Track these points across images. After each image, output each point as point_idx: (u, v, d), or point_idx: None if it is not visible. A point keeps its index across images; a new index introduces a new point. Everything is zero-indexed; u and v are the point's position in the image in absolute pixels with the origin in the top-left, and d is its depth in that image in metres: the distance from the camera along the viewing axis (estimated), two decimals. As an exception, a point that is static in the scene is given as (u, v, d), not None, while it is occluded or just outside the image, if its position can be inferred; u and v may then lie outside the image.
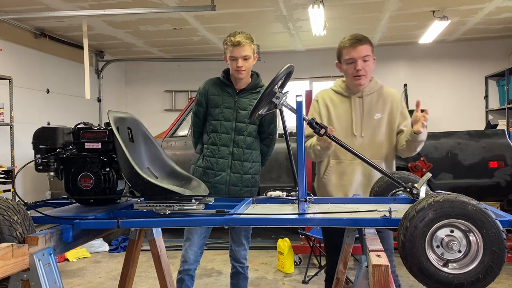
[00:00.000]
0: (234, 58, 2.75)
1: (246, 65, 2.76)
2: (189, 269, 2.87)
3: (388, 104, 2.57)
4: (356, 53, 2.47)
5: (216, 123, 2.84)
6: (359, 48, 2.46)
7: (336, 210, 1.90)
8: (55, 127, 2.02)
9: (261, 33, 7.44)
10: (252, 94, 2.87)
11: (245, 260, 3.02)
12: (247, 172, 2.86)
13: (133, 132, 2.16)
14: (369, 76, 2.54)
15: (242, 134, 2.83)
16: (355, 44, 2.46)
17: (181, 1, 5.75)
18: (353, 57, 2.48)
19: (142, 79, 9.82)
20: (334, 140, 2.18)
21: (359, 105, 2.58)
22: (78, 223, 1.76)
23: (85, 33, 6.14)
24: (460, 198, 1.51)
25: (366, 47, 2.47)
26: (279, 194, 2.11)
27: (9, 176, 5.78)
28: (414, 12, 6.53)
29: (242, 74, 2.79)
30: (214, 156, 2.83)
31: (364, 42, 2.47)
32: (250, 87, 2.87)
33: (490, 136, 5.00)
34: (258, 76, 2.94)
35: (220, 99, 2.84)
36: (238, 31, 2.80)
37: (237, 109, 2.83)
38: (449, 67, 8.79)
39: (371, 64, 2.51)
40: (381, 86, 2.61)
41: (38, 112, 6.98)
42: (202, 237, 2.88)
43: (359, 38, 2.48)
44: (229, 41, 2.75)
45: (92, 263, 5.07)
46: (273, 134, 3.02)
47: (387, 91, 2.60)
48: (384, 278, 1.44)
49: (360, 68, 2.47)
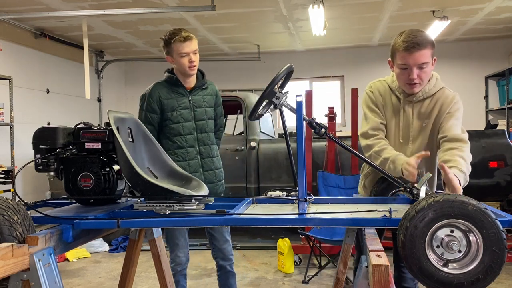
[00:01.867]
0: (185, 54, 2.69)
1: (197, 60, 2.75)
2: (182, 269, 2.91)
3: (436, 109, 2.25)
4: (412, 60, 2.11)
5: (177, 126, 2.78)
6: (416, 54, 2.10)
7: (336, 210, 1.90)
8: (55, 127, 2.02)
9: (261, 33, 7.44)
10: (202, 90, 2.88)
11: (232, 256, 3.01)
12: (217, 167, 2.90)
13: (133, 132, 2.16)
14: (425, 83, 2.23)
15: (205, 131, 2.83)
16: (412, 50, 2.09)
17: (181, 1, 5.75)
18: (408, 64, 2.13)
19: (142, 79, 9.81)
20: (335, 141, 2.18)
21: (408, 110, 2.30)
22: (78, 223, 1.76)
23: (85, 33, 6.13)
24: (460, 198, 1.51)
25: (425, 52, 2.10)
26: (279, 194, 2.11)
27: (9, 176, 5.78)
28: (414, 12, 6.53)
29: (195, 70, 2.77)
30: (184, 159, 2.78)
31: (422, 47, 2.09)
32: (199, 84, 2.87)
33: (490, 136, 4.99)
34: (203, 73, 2.92)
35: (175, 101, 2.78)
36: (177, 28, 2.74)
37: (193, 108, 2.82)
38: (449, 67, 8.78)
39: (429, 70, 2.18)
40: (439, 90, 2.27)
41: (38, 112, 6.98)
42: (186, 236, 2.93)
43: (417, 42, 2.09)
44: (178, 38, 2.67)
45: (92, 263, 5.07)
46: (223, 126, 3.09)
47: (441, 95, 2.26)
48: (384, 278, 1.44)
49: (415, 77, 2.15)
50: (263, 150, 5.32)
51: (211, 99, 2.90)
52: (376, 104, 2.36)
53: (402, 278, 2.46)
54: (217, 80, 3.47)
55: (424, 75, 2.18)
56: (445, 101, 2.26)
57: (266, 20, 6.81)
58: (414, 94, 2.27)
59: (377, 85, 2.39)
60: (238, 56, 8.92)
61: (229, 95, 5.61)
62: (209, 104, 2.88)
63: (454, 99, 2.25)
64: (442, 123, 2.23)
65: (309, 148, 4.75)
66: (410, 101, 2.30)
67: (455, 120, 2.22)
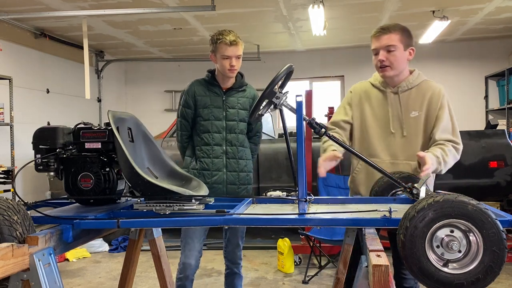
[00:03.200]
0: (228, 57, 2.72)
1: (238, 64, 2.77)
2: (190, 274, 2.82)
3: (425, 100, 2.34)
4: (379, 43, 2.28)
5: (207, 123, 2.82)
6: (382, 37, 2.27)
7: (336, 210, 1.90)
8: (55, 127, 2.02)
9: (261, 33, 7.44)
10: (239, 92, 2.90)
11: (240, 260, 3.04)
12: (242, 169, 2.87)
13: (133, 132, 2.16)
14: (398, 68, 2.31)
15: (234, 132, 2.83)
16: (378, 33, 2.27)
17: (181, 1, 5.75)
18: (376, 47, 2.30)
19: (142, 79, 9.81)
20: (335, 140, 2.18)
21: (395, 101, 2.38)
22: (78, 223, 1.76)
23: (85, 33, 6.13)
24: (460, 198, 1.51)
25: (391, 36, 2.25)
26: (279, 194, 2.11)
27: (9, 176, 5.77)
28: (414, 12, 6.53)
29: (234, 73, 2.80)
30: (208, 156, 2.82)
31: (388, 31, 2.26)
32: (236, 86, 2.88)
33: (490, 136, 5.00)
34: (242, 75, 2.96)
35: (208, 99, 2.83)
36: (227, 29, 2.78)
37: (226, 108, 2.84)
38: (449, 67, 8.78)
39: (398, 55, 2.28)
40: (422, 81, 2.38)
41: (38, 112, 6.98)
42: (202, 240, 2.85)
43: (383, 27, 2.28)
44: (224, 40, 2.70)
45: (92, 263, 5.07)
46: (260, 132, 3.07)
47: (426, 86, 2.36)
48: (384, 278, 1.44)
49: (383, 58, 2.27)
50: (263, 150, 5.31)
51: (246, 101, 2.90)
52: (349, 103, 2.52)
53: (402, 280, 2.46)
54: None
55: (393, 59, 2.28)
56: (434, 93, 2.34)
57: (266, 20, 6.81)
58: (395, 84, 2.36)
59: (358, 85, 2.56)
60: (238, 56, 8.90)
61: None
62: (243, 106, 2.88)
63: (441, 92, 2.35)
64: (435, 124, 2.31)
65: (309, 148, 4.74)
66: (395, 92, 2.38)
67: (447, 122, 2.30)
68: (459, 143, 2.29)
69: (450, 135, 2.29)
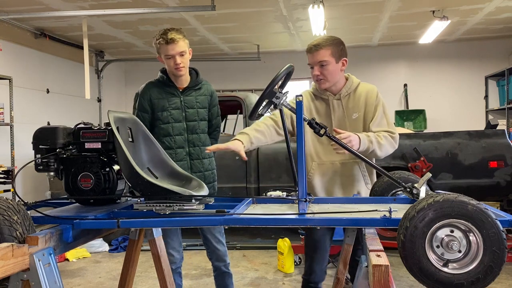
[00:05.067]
0: (170, 56, 2.67)
1: (184, 61, 2.70)
2: (177, 268, 2.91)
3: (362, 101, 2.48)
4: (312, 59, 2.45)
5: (167, 126, 2.77)
6: (315, 54, 2.42)
7: (336, 210, 1.90)
8: (55, 127, 2.02)
9: (261, 33, 7.44)
10: (195, 91, 2.84)
11: (226, 257, 3.01)
12: (207, 169, 2.87)
13: (133, 132, 2.16)
14: (332, 80, 2.45)
15: (196, 133, 2.81)
16: (311, 50, 2.44)
17: (181, 1, 5.75)
18: (310, 63, 2.47)
19: (142, 79, 9.74)
20: (335, 140, 2.18)
21: (337, 107, 2.51)
22: (78, 223, 1.76)
23: (85, 33, 6.13)
24: (460, 198, 1.51)
25: (322, 52, 2.40)
26: (279, 194, 2.11)
27: (9, 176, 5.77)
28: (414, 12, 6.53)
29: (182, 71, 2.72)
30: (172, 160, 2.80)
31: (319, 47, 2.41)
32: (192, 85, 2.83)
33: (490, 136, 4.99)
34: (198, 72, 2.90)
35: (165, 101, 2.76)
36: (169, 27, 2.72)
37: (185, 108, 2.79)
38: (449, 67, 8.79)
39: (331, 68, 2.42)
40: (358, 84, 2.53)
41: (38, 112, 6.98)
42: (179, 235, 2.94)
43: (315, 44, 2.42)
44: (162, 40, 2.65)
45: (92, 263, 5.07)
46: (219, 126, 3.05)
47: (362, 88, 2.52)
48: (384, 278, 1.44)
49: (317, 73, 2.43)
50: (263, 150, 5.31)
51: (204, 99, 2.85)
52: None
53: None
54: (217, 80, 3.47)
55: (327, 72, 2.42)
56: (368, 93, 2.49)
57: (266, 20, 6.81)
58: (335, 92, 2.50)
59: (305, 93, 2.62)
60: (238, 56, 8.91)
61: (229, 95, 5.60)
62: (202, 105, 2.84)
63: (375, 91, 2.50)
64: (372, 120, 2.44)
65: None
66: (338, 98, 2.50)
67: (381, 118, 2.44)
68: (394, 132, 2.41)
69: (385, 127, 2.42)
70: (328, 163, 2.48)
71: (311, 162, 2.51)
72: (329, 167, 2.48)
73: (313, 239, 2.55)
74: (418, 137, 5.24)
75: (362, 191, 2.47)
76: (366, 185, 2.47)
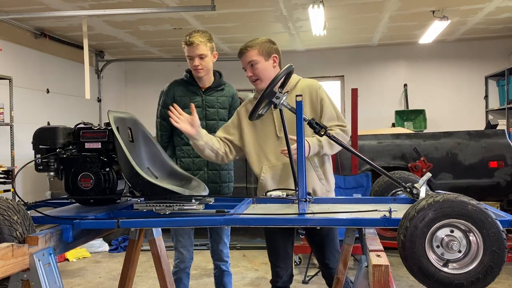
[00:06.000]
0: (190, 57, 2.77)
1: (203, 64, 2.77)
2: (185, 267, 2.94)
3: (307, 96, 2.47)
4: (243, 62, 2.51)
5: None
6: (243, 56, 2.49)
7: (336, 210, 1.91)
8: (55, 127, 2.02)
9: (261, 33, 7.43)
10: (218, 91, 2.91)
11: (228, 258, 3.08)
12: (223, 168, 2.90)
13: (133, 132, 2.16)
14: (266, 78, 2.44)
15: (214, 131, 2.81)
16: (241, 54, 2.50)
17: (181, 1, 5.75)
18: (243, 66, 2.52)
19: (142, 79, 9.81)
20: (335, 141, 2.18)
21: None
22: (78, 223, 1.76)
23: (85, 33, 6.13)
24: (460, 198, 1.51)
25: (249, 53, 2.47)
26: (279, 194, 2.12)
27: (9, 176, 5.77)
28: (414, 12, 6.53)
29: (200, 73, 2.80)
30: (189, 156, 2.84)
31: (246, 50, 2.48)
32: (215, 85, 2.90)
33: (490, 136, 5.00)
34: (221, 75, 2.99)
35: (188, 99, 2.84)
36: (197, 29, 2.81)
37: (205, 107, 2.86)
38: (449, 67, 8.78)
39: (261, 67, 2.46)
40: (299, 80, 2.54)
41: (38, 112, 6.97)
42: (191, 235, 2.96)
43: (242, 47, 2.50)
44: (184, 41, 2.77)
45: (92, 263, 5.07)
46: None
47: (302, 83, 2.53)
48: (384, 278, 1.44)
49: (250, 74, 2.47)
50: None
51: (226, 100, 2.92)
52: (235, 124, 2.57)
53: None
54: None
55: (258, 71, 2.46)
56: (311, 87, 2.50)
57: (266, 20, 6.81)
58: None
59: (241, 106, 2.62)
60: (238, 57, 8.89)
61: (229, 95, 5.60)
62: (222, 105, 2.90)
63: (317, 84, 2.52)
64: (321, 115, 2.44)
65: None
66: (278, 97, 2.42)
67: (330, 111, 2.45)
68: (345, 125, 2.46)
69: (336, 121, 2.45)
70: (280, 165, 2.45)
71: (262, 165, 2.51)
72: (280, 167, 2.46)
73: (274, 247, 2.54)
74: (418, 137, 5.25)
75: (317, 188, 2.42)
76: (321, 180, 2.43)
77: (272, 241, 2.56)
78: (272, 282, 2.58)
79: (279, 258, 2.52)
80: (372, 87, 8.70)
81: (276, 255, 2.54)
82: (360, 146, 4.97)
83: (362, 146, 5.03)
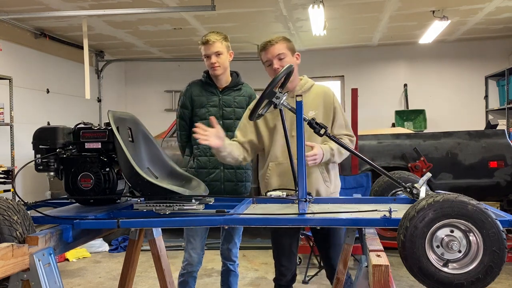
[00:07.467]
0: (207, 56, 2.82)
1: (219, 61, 2.82)
2: (193, 271, 2.91)
3: (319, 100, 2.52)
4: (269, 54, 2.48)
5: (204, 122, 2.80)
6: (271, 49, 2.47)
7: (336, 210, 1.91)
8: (55, 127, 2.02)
9: (261, 33, 7.42)
10: (235, 91, 2.94)
11: (236, 258, 3.09)
12: (239, 166, 2.91)
13: (133, 132, 2.16)
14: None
15: (231, 131, 2.83)
16: (266, 46, 2.49)
17: (181, 1, 5.75)
18: (268, 59, 2.49)
19: (142, 79, 9.81)
20: (335, 141, 2.18)
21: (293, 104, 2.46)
22: (78, 223, 1.76)
23: (85, 33, 6.13)
24: (460, 198, 1.51)
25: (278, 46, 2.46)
26: (279, 194, 2.12)
27: (9, 176, 5.77)
28: (414, 12, 6.53)
29: (218, 70, 2.83)
30: (205, 154, 2.86)
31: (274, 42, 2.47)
32: (232, 85, 2.93)
33: (490, 136, 4.99)
34: (238, 74, 3.03)
35: (205, 98, 2.89)
36: (212, 31, 2.89)
37: (222, 106, 2.89)
38: (449, 67, 8.78)
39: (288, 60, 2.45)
40: (312, 85, 2.58)
41: (38, 112, 6.97)
42: (204, 238, 2.93)
43: (268, 40, 2.49)
44: (200, 41, 2.83)
45: (92, 263, 5.07)
46: None
47: (317, 88, 2.58)
48: (384, 278, 1.44)
49: (278, 66, 2.44)
50: (263, 150, 5.31)
51: (243, 100, 2.94)
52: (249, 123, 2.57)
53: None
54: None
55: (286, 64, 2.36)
56: (326, 94, 2.55)
57: (266, 20, 6.80)
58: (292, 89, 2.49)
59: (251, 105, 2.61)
60: (238, 56, 8.88)
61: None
62: (239, 105, 2.92)
63: (332, 92, 2.58)
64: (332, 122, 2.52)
65: (309, 148, 4.74)
66: (292, 96, 2.43)
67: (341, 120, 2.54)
68: (353, 135, 2.58)
69: (345, 130, 2.54)
70: (286, 163, 2.43)
71: (269, 162, 2.54)
72: (287, 166, 2.43)
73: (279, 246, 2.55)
74: (418, 137, 5.25)
75: (322, 190, 2.45)
76: (325, 183, 2.47)
77: (277, 239, 2.57)
78: (276, 281, 2.58)
79: (284, 256, 2.52)
80: (372, 87, 8.70)
81: (281, 254, 2.54)
82: (360, 146, 4.97)
83: (362, 146, 5.03)
